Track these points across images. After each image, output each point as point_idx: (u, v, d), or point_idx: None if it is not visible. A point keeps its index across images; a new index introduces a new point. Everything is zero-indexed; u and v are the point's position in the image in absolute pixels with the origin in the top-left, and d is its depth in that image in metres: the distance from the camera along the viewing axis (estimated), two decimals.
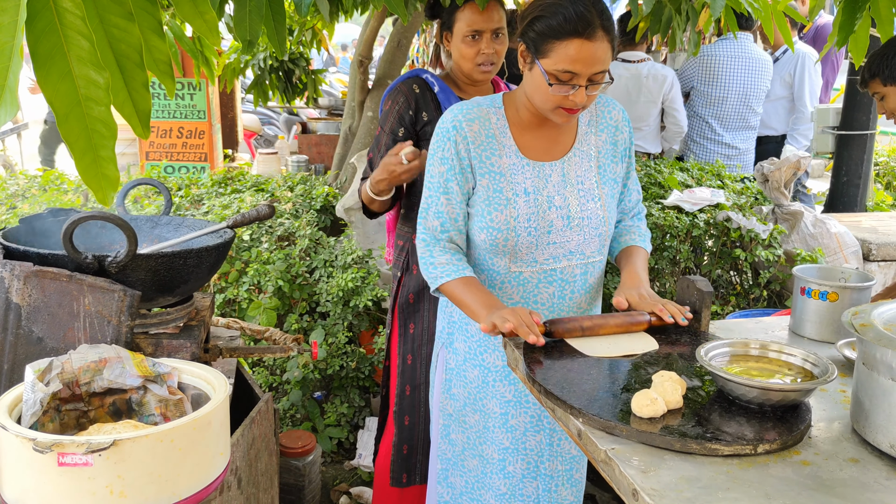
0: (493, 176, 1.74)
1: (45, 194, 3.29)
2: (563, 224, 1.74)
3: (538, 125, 1.76)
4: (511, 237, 1.73)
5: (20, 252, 1.52)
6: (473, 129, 1.73)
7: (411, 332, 2.27)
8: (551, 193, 1.74)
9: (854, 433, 1.26)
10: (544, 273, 1.77)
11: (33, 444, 1.17)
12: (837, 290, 1.69)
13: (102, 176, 0.91)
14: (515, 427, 1.84)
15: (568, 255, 1.77)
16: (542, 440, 1.84)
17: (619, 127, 1.83)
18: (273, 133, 7.84)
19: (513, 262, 1.77)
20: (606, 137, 1.82)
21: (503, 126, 1.76)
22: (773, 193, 3.38)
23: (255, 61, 4.73)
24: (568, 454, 1.88)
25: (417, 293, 2.25)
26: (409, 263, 2.26)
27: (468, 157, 1.73)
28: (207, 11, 1.03)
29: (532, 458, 1.85)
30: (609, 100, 1.85)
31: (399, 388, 2.29)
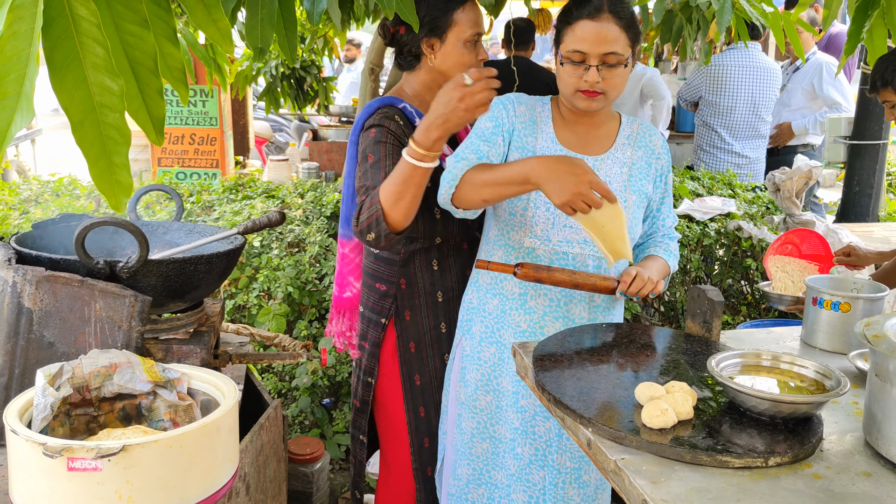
0: (525, 153, 1.80)
1: (57, 199, 3.32)
2: None
3: (576, 122, 1.83)
4: (531, 209, 1.78)
5: (32, 257, 1.53)
6: (521, 110, 1.84)
7: (418, 385, 2.04)
8: None
9: (867, 446, 1.24)
10: (556, 254, 1.80)
11: (43, 448, 1.17)
12: (850, 301, 1.68)
13: (116, 182, 0.91)
14: (525, 409, 1.85)
15: (582, 242, 1.80)
16: (550, 427, 1.85)
17: (657, 153, 1.88)
18: (284, 140, 7.88)
19: (527, 235, 1.80)
20: (643, 155, 1.87)
21: (547, 114, 1.86)
22: (785, 203, 3.36)
23: (268, 69, 4.75)
24: (577, 451, 1.86)
25: (418, 341, 2.02)
26: (400, 309, 2.01)
27: (511, 130, 1.81)
28: (220, 19, 1.04)
29: (541, 445, 1.85)
30: (651, 127, 1.91)
31: (416, 443, 2.07)
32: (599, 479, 1.87)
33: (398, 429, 2.08)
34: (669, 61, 7.41)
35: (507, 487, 1.89)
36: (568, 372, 1.49)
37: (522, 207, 1.80)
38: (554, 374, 1.47)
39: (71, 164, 7.17)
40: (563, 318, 1.84)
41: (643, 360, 1.58)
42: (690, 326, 1.72)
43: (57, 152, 10.13)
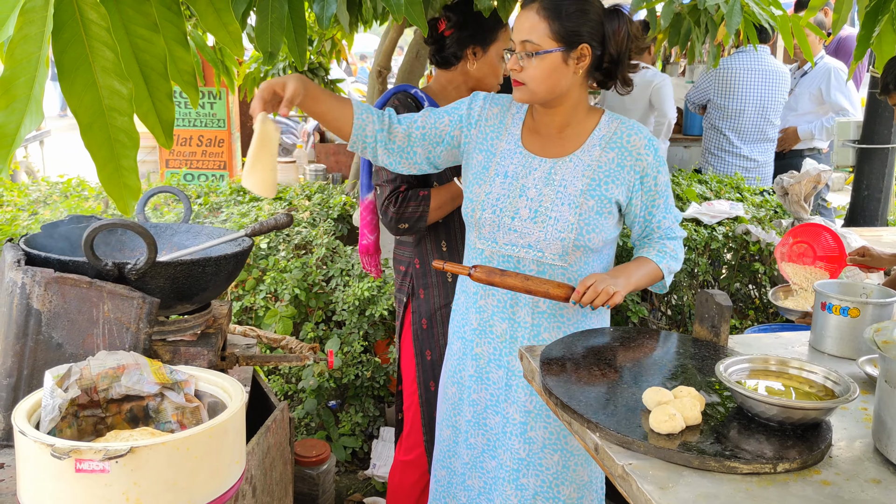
0: (486, 154, 1.85)
1: (66, 201, 3.33)
2: (529, 215, 1.78)
3: (545, 123, 1.83)
4: (478, 210, 1.82)
5: (41, 258, 1.54)
6: (493, 111, 1.88)
7: (429, 360, 2.22)
8: (528, 185, 1.80)
9: (876, 452, 1.24)
10: (501, 257, 1.83)
11: (51, 449, 1.18)
12: (859, 306, 1.67)
13: (124, 185, 0.92)
14: (477, 402, 1.94)
15: (526, 247, 1.80)
16: (498, 422, 1.91)
17: (636, 154, 1.79)
18: (291, 142, 7.89)
19: (478, 237, 1.87)
20: (615, 157, 1.79)
21: (519, 118, 1.88)
22: (793, 207, 3.35)
23: (275, 71, 4.77)
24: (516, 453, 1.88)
25: (430, 317, 2.21)
26: (415, 287, 2.22)
27: (474, 124, 1.86)
28: (231, 23, 1.04)
29: (492, 436, 1.92)
30: (638, 126, 1.83)
31: (426, 418, 2.23)
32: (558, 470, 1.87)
33: (413, 402, 2.26)
34: (677, 64, 7.40)
35: (463, 475, 1.97)
36: (575, 376, 1.49)
37: (471, 209, 1.85)
38: (561, 378, 1.47)
39: (79, 165, 7.20)
40: (509, 320, 1.86)
41: (651, 365, 1.57)
42: (698, 331, 1.71)
43: (66, 154, 10.18)
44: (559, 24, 1.68)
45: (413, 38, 3.92)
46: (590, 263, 1.82)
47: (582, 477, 1.86)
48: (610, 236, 1.82)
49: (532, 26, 1.70)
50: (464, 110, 1.88)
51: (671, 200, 1.86)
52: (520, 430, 1.86)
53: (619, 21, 1.75)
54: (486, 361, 1.91)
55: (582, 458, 1.85)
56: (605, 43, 1.74)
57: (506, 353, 1.88)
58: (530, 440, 1.86)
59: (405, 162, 1.87)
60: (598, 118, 1.84)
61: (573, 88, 1.77)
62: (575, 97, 1.79)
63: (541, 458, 1.85)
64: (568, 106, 1.80)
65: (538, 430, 1.85)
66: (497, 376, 1.90)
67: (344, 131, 1.80)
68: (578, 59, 1.72)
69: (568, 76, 1.73)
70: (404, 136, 1.85)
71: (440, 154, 1.89)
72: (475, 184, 1.85)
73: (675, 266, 1.85)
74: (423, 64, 3.92)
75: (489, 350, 1.90)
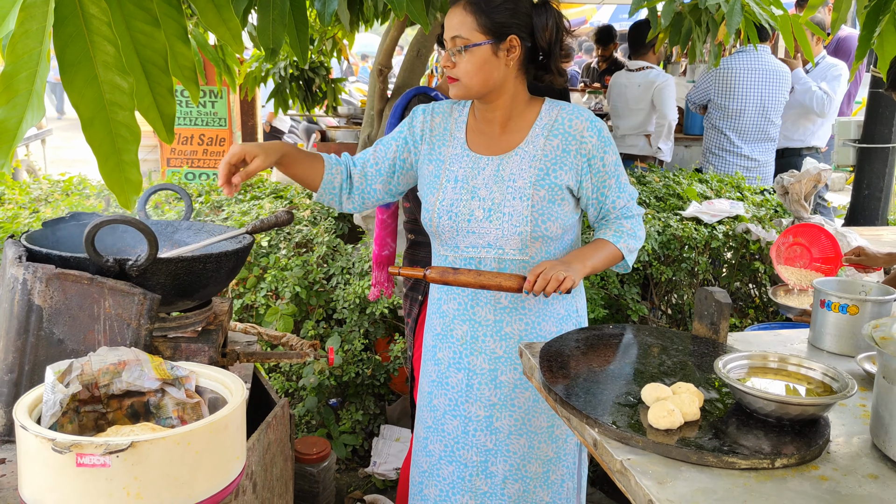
0: (436, 164, 1.88)
1: (67, 199, 3.34)
2: (484, 215, 1.80)
3: (487, 121, 1.86)
4: (434, 219, 1.85)
5: (43, 255, 1.54)
6: (436, 121, 1.92)
7: None
8: (478, 185, 1.82)
9: (874, 449, 1.24)
10: (464, 260, 1.85)
11: (52, 444, 1.18)
12: (858, 304, 1.67)
13: (125, 180, 0.92)
14: (436, 408, 1.97)
15: (486, 246, 1.82)
16: (457, 425, 1.93)
17: (578, 137, 1.80)
18: (293, 141, 7.90)
19: (440, 245, 1.90)
20: (559, 143, 1.81)
21: (462, 121, 1.90)
22: (793, 206, 3.35)
23: (276, 70, 4.77)
24: (483, 446, 1.91)
25: None
26: (432, 287, 2.22)
27: (420, 139, 1.90)
28: (231, 20, 1.04)
29: (449, 442, 1.95)
30: (579, 110, 1.84)
31: None
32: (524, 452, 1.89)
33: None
34: (678, 64, 7.40)
35: (421, 484, 2.01)
36: (574, 372, 1.49)
37: (428, 219, 1.87)
38: (560, 374, 1.47)
39: (81, 164, 7.21)
40: (470, 321, 1.88)
41: (649, 361, 1.58)
42: (697, 328, 1.71)
43: (67, 152, 10.20)
44: (486, 18, 1.72)
45: (414, 38, 3.92)
46: (551, 252, 1.83)
47: (547, 453, 1.90)
48: (567, 223, 1.83)
49: (461, 22, 1.73)
50: (406, 131, 1.92)
51: (624, 179, 1.86)
52: (485, 425, 1.90)
53: (546, 14, 1.78)
54: (445, 366, 1.94)
55: (546, 436, 1.89)
56: (534, 35, 1.77)
57: (466, 356, 1.90)
58: (496, 430, 1.89)
59: (366, 202, 1.94)
60: (539, 108, 1.86)
61: (507, 81, 1.80)
62: (511, 90, 1.82)
63: (507, 445, 1.88)
64: (506, 99, 1.82)
65: (504, 419, 1.88)
66: (456, 380, 1.92)
67: (314, 186, 1.88)
68: (508, 50, 1.75)
69: (500, 68, 1.76)
70: (360, 177, 1.91)
71: (398, 182, 1.94)
72: (429, 193, 1.88)
73: (634, 244, 1.85)
74: (424, 62, 3.93)
75: (448, 354, 1.93)
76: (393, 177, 1.93)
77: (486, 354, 1.88)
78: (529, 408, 1.87)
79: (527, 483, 1.90)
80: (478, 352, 1.88)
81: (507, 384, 1.87)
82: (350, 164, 1.92)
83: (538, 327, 1.85)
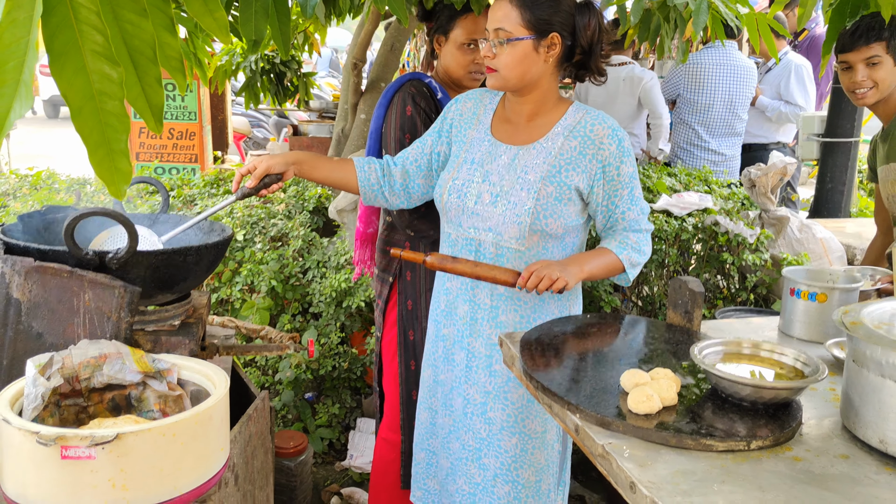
0: (460, 144, 1.95)
1: (37, 193, 3.28)
2: (490, 199, 1.84)
3: (515, 112, 1.90)
4: (444, 196, 1.90)
5: (21, 247, 1.53)
6: (467, 105, 1.98)
7: (411, 340, 2.28)
8: (492, 170, 1.86)
9: (844, 430, 1.29)
10: (465, 240, 1.90)
11: (37, 437, 1.18)
12: (826, 291, 1.72)
13: (116, 169, 0.92)
14: (444, 383, 2.01)
15: (486, 230, 1.86)
16: (460, 403, 1.97)
17: (598, 143, 1.81)
18: (262, 135, 7.84)
19: (446, 221, 1.95)
20: (578, 146, 1.82)
21: (491, 108, 1.96)
22: (760, 199, 3.42)
23: (247, 63, 4.73)
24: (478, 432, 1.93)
25: (415, 299, 2.26)
26: (403, 269, 2.26)
27: (450, 127, 1.97)
28: (217, 10, 1.05)
29: (456, 418, 1.98)
30: (604, 117, 1.85)
31: (405, 395, 2.28)
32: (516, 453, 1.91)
33: (393, 380, 2.32)
34: (647, 60, 7.49)
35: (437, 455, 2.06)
36: (554, 360, 1.52)
37: (439, 195, 1.93)
38: (540, 362, 1.50)
39: (46, 158, 7.07)
40: (470, 302, 1.92)
41: (627, 349, 1.61)
42: (672, 316, 1.75)
43: (31, 147, 9.99)
44: (531, 13, 1.75)
45: (387, 32, 3.93)
46: (549, 249, 1.85)
47: (539, 460, 1.92)
48: (570, 223, 1.84)
49: (505, 15, 1.76)
50: (440, 124, 2.00)
51: (638, 192, 1.86)
52: (480, 411, 1.92)
53: (589, 14, 1.81)
54: (451, 343, 1.98)
55: (539, 442, 1.91)
56: (575, 34, 1.80)
57: (467, 335, 1.93)
58: (490, 420, 1.91)
59: (412, 196, 2.01)
60: (566, 109, 1.88)
61: (544, 77, 1.83)
62: (545, 86, 1.84)
63: (499, 440, 1.90)
64: (538, 94, 1.85)
65: (497, 411, 1.90)
66: (459, 357, 1.96)
67: (352, 188, 1.98)
68: (549, 47, 1.78)
69: (539, 64, 1.79)
70: (401, 175, 1.99)
71: (438, 175, 1.99)
72: (446, 171, 1.94)
73: (638, 258, 1.84)
74: (398, 57, 3.93)
75: (454, 332, 1.96)
76: (432, 170, 1.99)
77: (484, 338, 1.90)
78: (523, 406, 1.88)
79: (518, 489, 1.90)
80: (477, 334, 1.91)
81: (501, 374, 1.89)
82: (389, 162, 2.00)
83: (532, 323, 1.87)
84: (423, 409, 2.09)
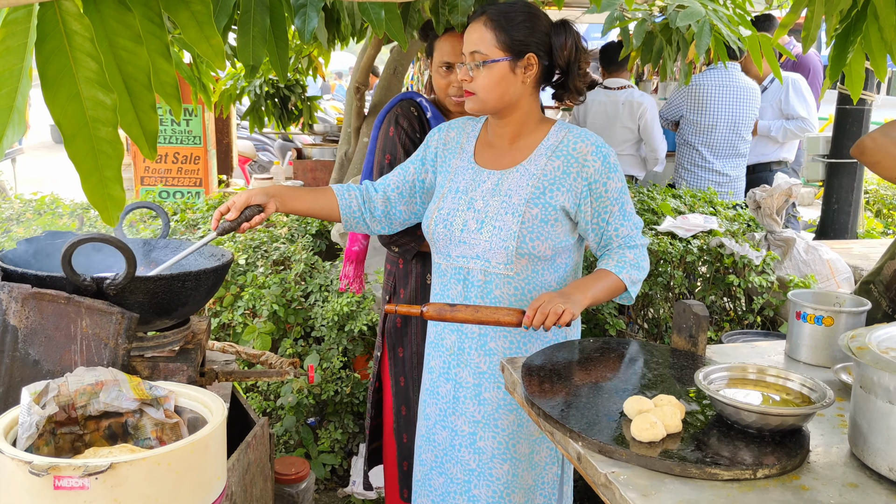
0: (444, 174, 1.94)
1: (40, 218, 3.29)
2: (476, 227, 1.82)
3: (498, 136, 1.89)
4: (431, 227, 1.89)
5: (18, 274, 1.52)
6: (450, 135, 1.97)
7: (401, 356, 2.30)
8: (476, 197, 1.85)
9: (853, 458, 1.26)
10: (454, 269, 1.88)
11: (29, 467, 1.16)
12: (833, 315, 1.70)
13: (108, 196, 0.91)
14: (428, 416, 1.98)
15: (475, 257, 1.84)
16: (446, 437, 1.94)
17: (581, 161, 1.79)
18: (268, 159, 7.87)
19: (436, 252, 1.93)
20: (561, 165, 1.80)
21: (473, 135, 1.95)
22: (766, 220, 3.40)
23: (252, 88, 4.76)
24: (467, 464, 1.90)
25: (404, 318, 2.27)
26: (397, 287, 2.28)
27: (434, 156, 1.96)
28: (213, 36, 1.04)
29: (439, 452, 1.96)
30: (587, 134, 1.84)
31: (395, 409, 2.32)
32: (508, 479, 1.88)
33: (388, 398, 2.36)
34: (650, 82, 7.51)
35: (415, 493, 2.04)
36: (556, 387, 1.50)
37: (426, 226, 1.91)
38: (542, 388, 1.48)
39: (51, 182, 7.10)
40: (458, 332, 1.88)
41: (631, 375, 1.59)
42: (676, 341, 1.73)
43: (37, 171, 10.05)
44: (506, 35, 1.75)
45: (390, 55, 3.95)
46: (539, 273, 1.82)
47: (527, 481, 1.89)
48: (559, 244, 1.81)
49: (480, 37, 1.76)
50: (423, 151, 1.99)
51: (629, 207, 1.84)
52: (469, 441, 1.89)
53: (566, 34, 1.80)
54: (437, 375, 1.95)
55: (527, 464, 1.88)
56: (552, 54, 1.80)
57: (454, 366, 1.90)
58: (480, 450, 1.88)
59: (393, 223, 2.00)
60: (548, 129, 1.87)
61: (523, 98, 1.82)
62: (525, 107, 1.84)
63: (490, 468, 1.87)
64: (518, 116, 1.84)
65: (487, 439, 1.87)
66: (445, 390, 1.93)
67: (334, 216, 1.95)
68: (525, 68, 1.78)
69: (516, 85, 1.79)
70: (383, 201, 1.97)
71: (421, 202, 1.99)
72: (432, 202, 1.93)
73: (637, 275, 1.82)
74: (401, 80, 3.95)
75: (439, 363, 1.94)
76: (415, 197, 1.98)
77: (472, 368, 1.87)
78: (513, 431, 1.86)
79: None
80: (464, 364, 1.88)
81: (490, 402, 1.86)
82: (371, 188, 1.98)
83: (523, 348, 1.84)
84: (416, 437, 2.06)
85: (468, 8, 1.96)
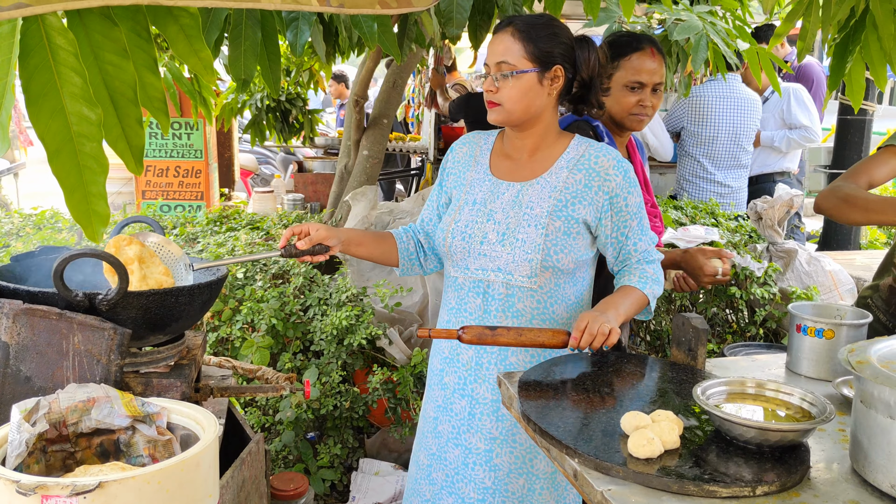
0: (460, 187, 1.93)
1: (39, 233, 3.29)
2: (497, 238, 1.81)
3: (516, 148, 1.88)
4: (448, 239, 1.86)
5: (10, 290, 1.51)
6: (463, 150, 1.98)
7: None
8: (496, 209, 1.83)
9: (854, 474, 1.24)
10: (473, 282, 1.85)
11: (16, 486, 1.14)
12: (833, 328, 1.68)
13: (92, 212, 0.90)
14: (440, 434, 1.94)
15: (496, 270, 1.81)
16: (458, 455, 1.90)
17: (602, 174, 1.80)
18: (269, 172, 7.88)
19: (452, 265, 1.90)
20: (583, 178, 1.81)
21: (487, 148, 1.95)
22: (767, 231, 3.39)
23: (253, 101, 4.77)
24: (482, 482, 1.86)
25: None
26: None
27: (447, 176, 1.97)
28: (202, 50, 1.04)
29: (450, 471, 1.91)
30: (607, 149, 1.84)
31: None
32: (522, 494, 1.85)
33: None
34: None
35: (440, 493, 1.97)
36: (553, 402, 1.48)
37: (442, 239, 1.88)
38: (539, 404, 1.46)
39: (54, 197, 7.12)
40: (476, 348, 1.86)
41: (628, 389, 1.57)
42: (675, 354, 1.71)
43: (40, 186, 10.07)
44: (534, 46, 1.74)
45: (389, 68, 3.95)
46: (561, 286, 1.82)
47: (547, 500, 1.85)
48: (581, 258, 1.81)
49: (507, 48, 1.75)
50: (440, 176, 2.00)
51: (645, 223, 1.85)
52: (484, 459, 1.85)
53: (588, 48, 1.81)
54: (451, 391, 1.91)
55: (547, 483, 1.85)
56: (576, 67, 1.80)
57: (471, 382, 1.87)
58: (496, 467, 1.85)
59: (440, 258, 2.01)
60: (568, 142, 1.87)
61: (546, 110, 1.82)
62: (547, 120, 1.83)
63: (506, 484, 1.84)
64: (540, 128, 1.83)
65: (504, 455, 1.84)
66: (460, 406, 1.89)
67: (393, 260, 1.98)
68: (552, 79, 1.77)
69: (542, 97, 1.78)
70: (426, 238, 2.01)
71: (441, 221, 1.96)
72: (447, 215, 1.91)
73: (657, 290, 1.84)
74: (400, 93, 3.95)
75: (454, 380, 1.90)
76: None
77: (490, 383, 1.84)
78: (532, 446, 1.82)
79: None
80: (482, 379, 1.85)
81: (509, 418, 1.82)
82: (416, 229, 2.01)
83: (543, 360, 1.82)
84: (414, 464, 2.02)
85: (463, 20, 1.95)
